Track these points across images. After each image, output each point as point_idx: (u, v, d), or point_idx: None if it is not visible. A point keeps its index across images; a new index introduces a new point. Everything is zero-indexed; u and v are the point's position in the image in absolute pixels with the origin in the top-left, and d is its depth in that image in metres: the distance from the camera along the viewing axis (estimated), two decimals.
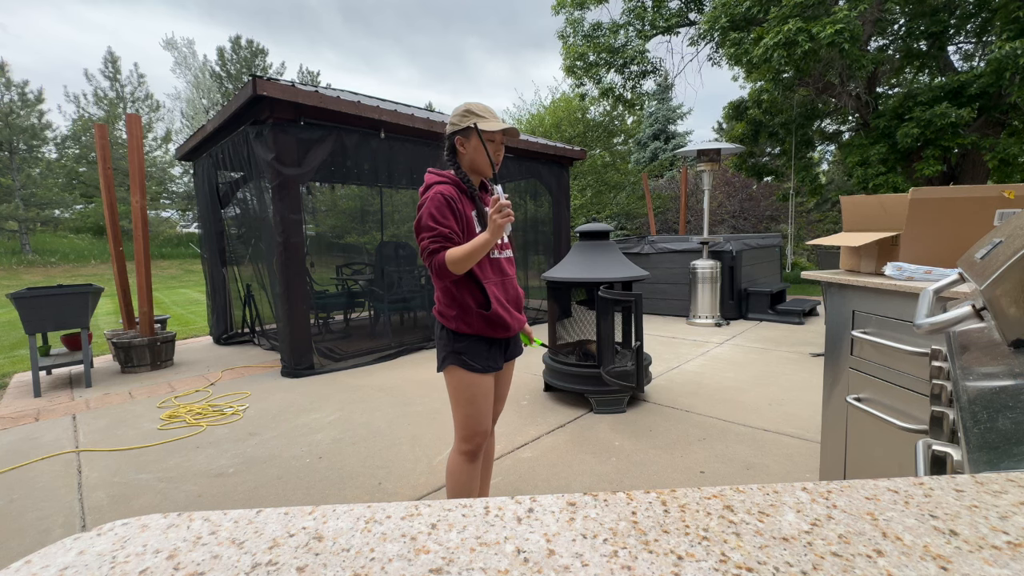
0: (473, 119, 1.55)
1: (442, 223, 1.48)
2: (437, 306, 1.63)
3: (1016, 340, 0.64)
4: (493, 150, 1.57)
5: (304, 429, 2.97)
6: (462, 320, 1.56)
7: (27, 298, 3.79)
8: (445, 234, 1.47)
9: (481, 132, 1.52)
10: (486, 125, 1.54)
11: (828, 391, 1.80)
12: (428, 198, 1.51)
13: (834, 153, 13.44)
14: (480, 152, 1.56)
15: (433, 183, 1.58)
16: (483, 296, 1.56)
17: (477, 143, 1.55)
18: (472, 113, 1.56)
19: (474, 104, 1.60)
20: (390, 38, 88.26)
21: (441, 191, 1.51)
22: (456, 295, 1.56)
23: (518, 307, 1.68)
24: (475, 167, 1.60)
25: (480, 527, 0.33)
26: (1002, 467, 0.42)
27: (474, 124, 1.53)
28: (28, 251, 18.99)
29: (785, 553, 0.29)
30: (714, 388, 3.53)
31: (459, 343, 1.57)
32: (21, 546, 1.88)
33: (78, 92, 25.91)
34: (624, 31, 11.08)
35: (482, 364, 1.57)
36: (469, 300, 1.56)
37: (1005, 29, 7.23)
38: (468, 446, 1.61)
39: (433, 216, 1.48)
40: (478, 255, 1.45)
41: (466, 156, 1.59)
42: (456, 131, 1.59)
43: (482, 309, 1.55)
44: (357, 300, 5.99)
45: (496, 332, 1.58)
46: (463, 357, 1.56)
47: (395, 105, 5.47)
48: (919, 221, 1.59)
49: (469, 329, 1.56)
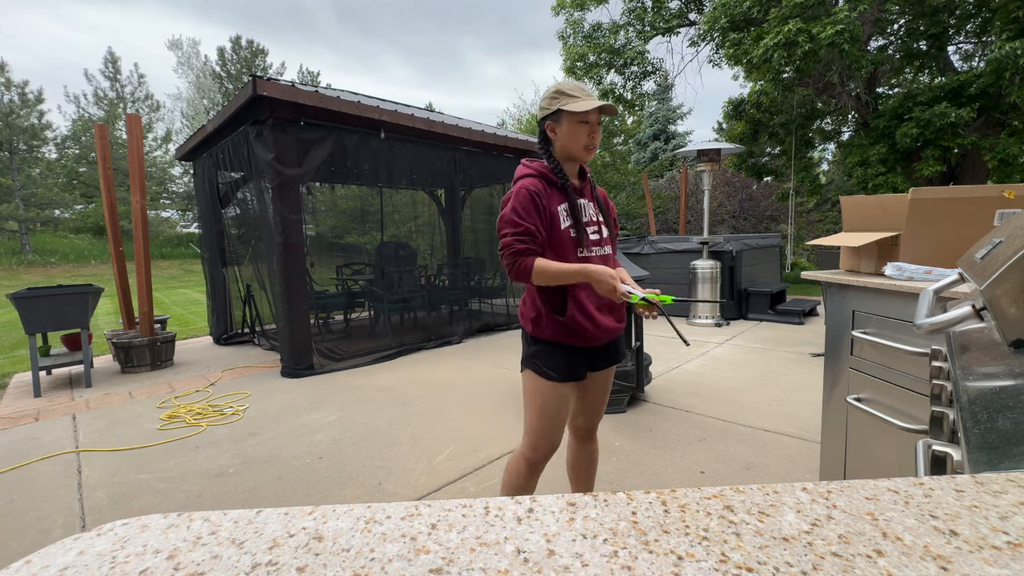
0: (562, 101, 1.40)
1: (526, 219, 1.37)
2: (520, 306, 1.55)
3: (1016, 340, 0.64)
4: (587, 132, 1.42)
5: (304, 429, 2.96)
6: (539, 324, 1.46)
7: (27, 298, 3.79)
8: (531, 231, 1.36)
9: (572, 114, 1.39)
10: (576, 106, 1.38)
11: (828, 391, 1.80)
12: (513, 193, 1.41)
13: (834, 153, 13.44)
14: (573, 137, 1.42)
15: (520, 176, 1.47)
16: (560, 301, 1.43)
17: (569, 127, 1.41)
18: (561, 94, 1.41)
19: (564, 84, 1.44)
20: (386, 38, 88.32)
21: (526, 185, 1.40)
22: (535, 296, 1.47)
23: (613, 312, 1.51)
24: (569, 153, 1.46)
25: (480, 527, 0.33)
26: (1002, 467, 0.42)
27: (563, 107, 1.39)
28: (28, 251, 18.99)
29: (785, 553, 0.29)
30: (714, 388, 3.53)
31: (535, 346, 1.47)
32: (21, 546, 1.88)
33: (78, 92, 25.98)
34: (624, 32, 11.09)
35: (558, 372, 1.44)
36: (545, 304, 1.44)
37: (1005, 29, 7.23)
38: (533, 455, 1.49)
39: (517, 212, 1.38)
40: (567, 280, 1.34)
41: (558, 142, 1.45)
42: (546, 116, 1.45)
43: (556, 315, 1.43)
44: (357, 300, 5.99)
45: (575, 340, 1.44)
46: (536, 362, 1.45)
47: (395, 105, 5.47)
48: (919, 221, 1.59)
49: (544, 334, 1.45)
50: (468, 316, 5.95)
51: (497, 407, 3.25)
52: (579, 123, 1.40)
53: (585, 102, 1.39)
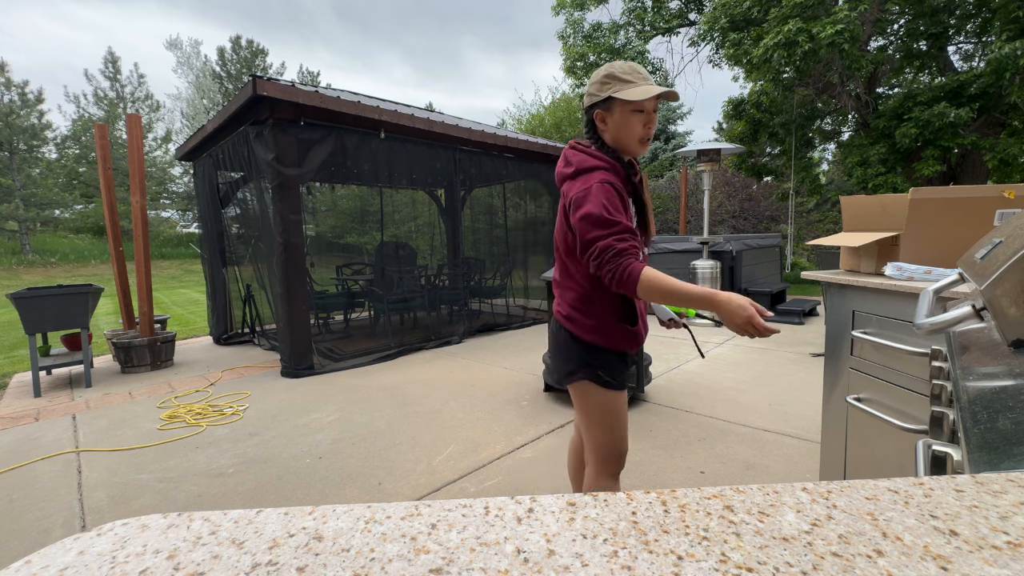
0: (614, 87, 1.23)
1: (619, 215, 1.18)
2: (564, 309, 1.35)
3: (1016, 340, 0.64)
4: (643, 122, 1.25)
5: (304, 429, 2.96)
6: (600, 332, 1.31)
7: (27, 298, 3.79)
8: (631, 228, 1.17)
9: (626, 103, 1.22)
10: (630, 93, 1.21)
11: (828, 391, 1.80)
12: (594, 186, 1.20)
13: (834, 153, 13.45)
14: (627, 128, 1.25)
15: (593, 167, 1.26)
16: (626, 308, 1.31)
17: (622, 117, 1.24)
18: (613, 79, 1.23)
19: (618, 66, 1.25)
20: (385, 38, 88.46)
21: (607, 179, 1.22)
22: (597, 303, 1.30)
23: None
24: (622, 145, 1.29)
25: (480, 527, 0.33)
26: (1002, 467, 0.42)
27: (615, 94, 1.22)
28: (28, 251, 18.99)
29: (785, 553, 0.29)
30: (714, 388, 3.53)
31: (595, 357, 1.32)
32: (21, 546, 1.88)
33: (78, 92, 26.00)
34: (624, 32, 11.10)
35: (620, 380, 1.35)
36: (611, 311, 1.30)
37: (1005, 29, 7.24)
38: (612, 468, 1.39)
39: (607, 208, 1.17)
40: (683, 303, 1.15)
41: (608, 133, 1.28)
42: (595, 103, 1.28)
43: (626, 323, 1.31)
44: (357, 300, 5.99)
45: (633, 346, 1.36)
46: (600, 373, 1.32)
47: (395, 105, 5.48)
48: (919, 221, 1.59)
49: (606, 343, 1.31)
50: (468, 316, 5.95)
51: (497, 407, 3.25)
52: (634, 112, 1.24)
53: (641, 88, 1.21)
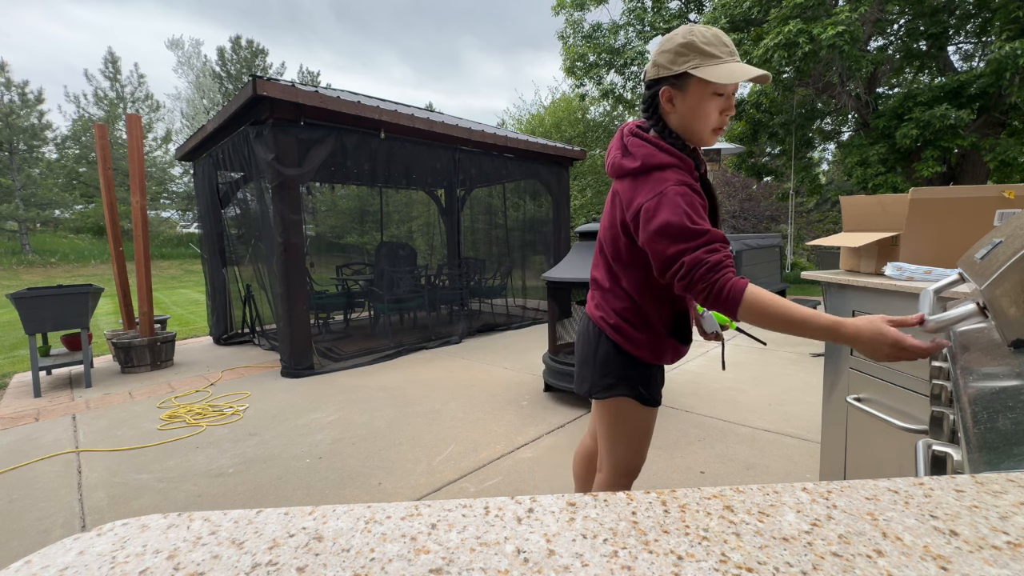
0: (692, 60, 0.98)
1: (704, 222, 0.98)
2: (612, 318, 1.19)
3: (1016, 340, 0.64)
4: (721, 107, 1.03)
5: (304, 429, 2.96)
6: (651, 348, 1.18)
7: (27, 298, 3.79)
8: (721, 236, 0.97)
9: (707, 83, 0.99)
10: (716, 73, 0.97)
11: (828, 391, 1.80)
12: (669, 190, 0.98)
13: (834, 153, 13.45)
14: (701, 113, 1.03)
15: (664, 163, 1.03)
16: (681, 323, 1.19)
17: (698, 99, 1.01)
18: (695, 51, 0.98)
19: (699, 32, 0.99)
20: (383, 38, 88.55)
21: (684, 180, 1.01)
22: (652, 316, 1.15)
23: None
24: (690, 133, 1.06)
25: (480, 527, 0.33)
26: (1002, 467, 0.42)
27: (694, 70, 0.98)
28: (28, 251, 18.99)
29: (785, 553, 0.29)
30: (714, 388, 3.53)
31: (639, 372, 1.20)
32: (21, 546, 1.88)
33: (78, 92, 26.01)
34: (624, 32, 11.10)
35: (659, 396, 1.27)
36: (663, 326, 1.16)
37: (1005, 29, 7.23)
38: (627, 480, 1.32)
39: (689, 215, 0.96)
40: (802, 333, 0.90)
41: (676, 116, 1.05)
42: (663, 77, 1.03)
43: (677, 339, 1.19)
44: (357, 300, 6.00)
45: (673, 360, 1.25)
46: (641, 389, 1.21)
47: (395, 105, 5.48)
48: (919, 221, 1.59)
49: (654, 358, 1.20)
50: (468, 316, 5.95)
51: (497, 407, 3.25)
52: (713, 96, 1.01)
53: (729, 66, 0.98)
